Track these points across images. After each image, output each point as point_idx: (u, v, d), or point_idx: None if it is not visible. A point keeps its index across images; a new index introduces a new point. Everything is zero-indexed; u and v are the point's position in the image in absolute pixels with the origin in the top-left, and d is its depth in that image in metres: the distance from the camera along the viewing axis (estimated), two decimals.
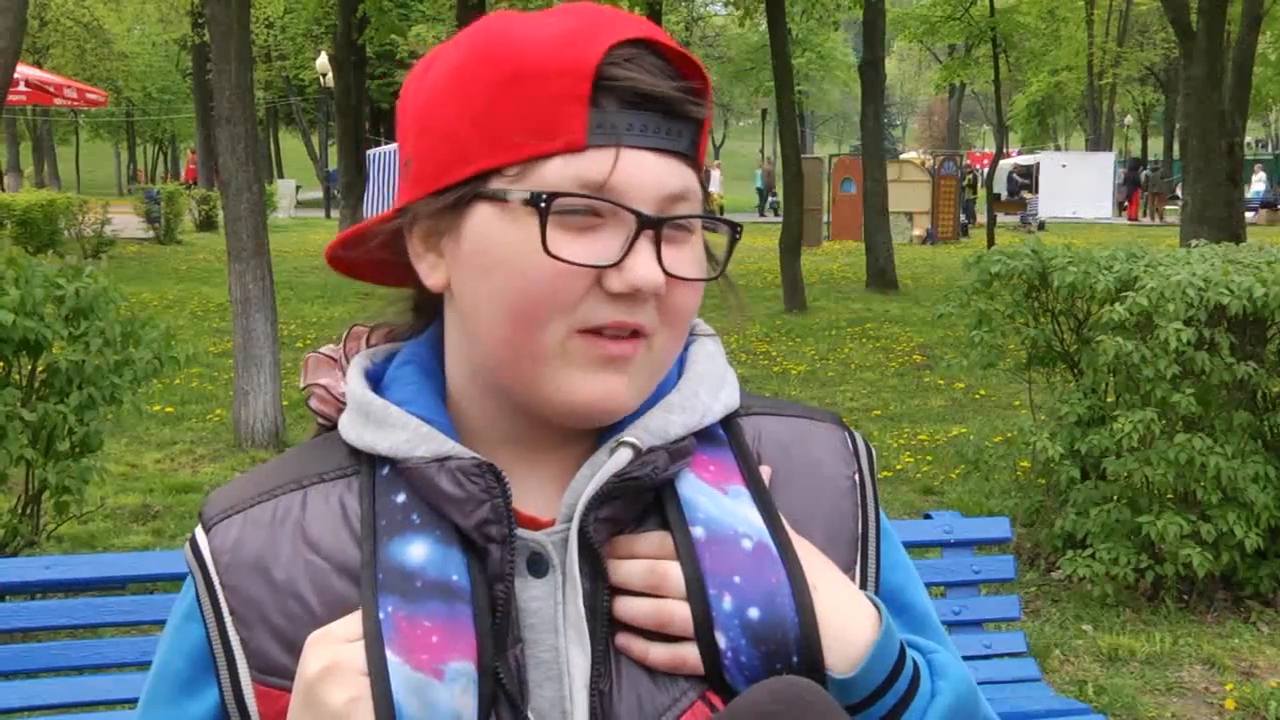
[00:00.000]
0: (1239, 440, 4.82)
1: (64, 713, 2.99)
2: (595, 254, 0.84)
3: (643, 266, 0.84)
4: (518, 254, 0.84)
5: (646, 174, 0.84)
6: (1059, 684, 4.42)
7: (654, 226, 0.85)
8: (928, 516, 3.52)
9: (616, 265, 0.84)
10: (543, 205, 0.83)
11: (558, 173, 0.83)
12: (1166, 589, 5.09)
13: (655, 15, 18.47)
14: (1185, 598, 5.13)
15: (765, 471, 0.94)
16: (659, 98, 0.84)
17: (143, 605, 3.01)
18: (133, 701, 2.89)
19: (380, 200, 32.07)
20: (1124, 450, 4.87)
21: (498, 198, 0.85)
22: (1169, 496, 4.97)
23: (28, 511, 4.88)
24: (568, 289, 0.84)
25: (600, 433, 0.92)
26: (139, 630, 4.01)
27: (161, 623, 3.07)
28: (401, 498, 0.88)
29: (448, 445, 0.88)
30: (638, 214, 0.84)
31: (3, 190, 26.11)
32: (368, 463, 0.92)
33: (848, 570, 0.93)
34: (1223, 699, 4.36)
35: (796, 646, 0.85)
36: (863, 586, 0.94)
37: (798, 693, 0.81)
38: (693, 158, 0.88)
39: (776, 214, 33.19)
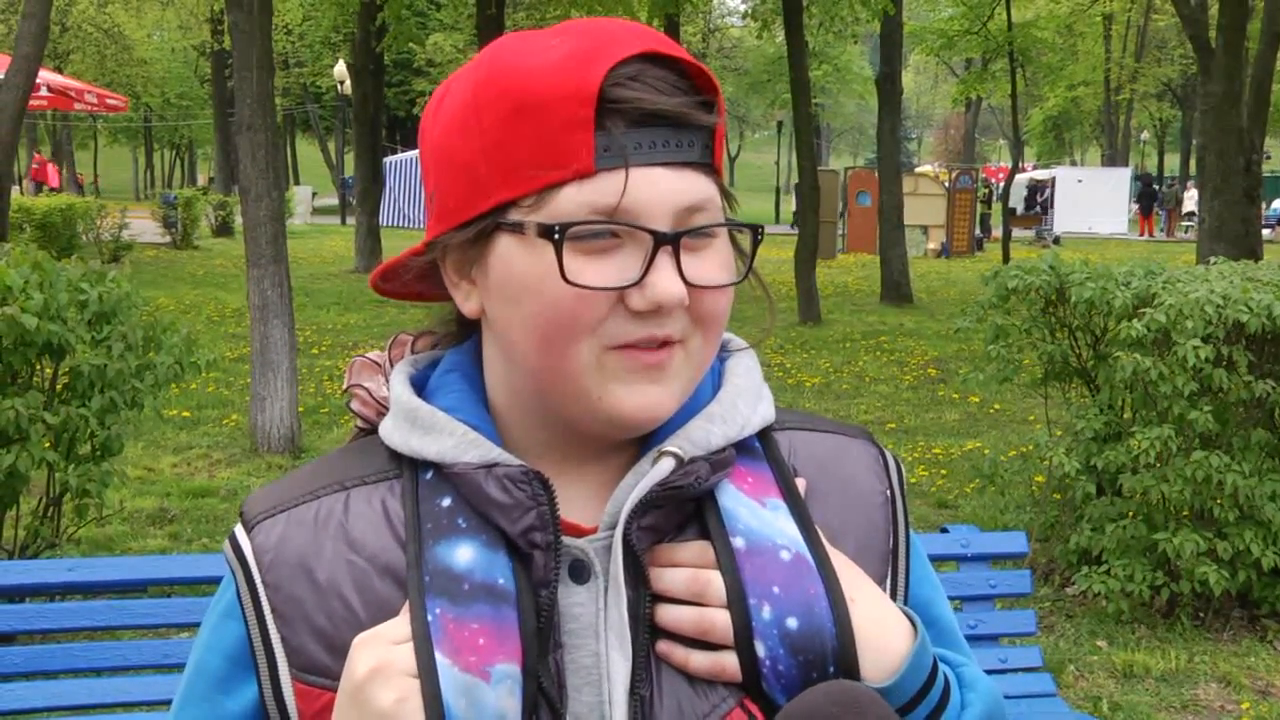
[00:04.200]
0: (1256, 458, 4.82)
1: (83, 713, 3.01)
2: (615, 275, 0.85)
3: (663, 282, 0.85)
4: (539, 282, 0.86)
5: (659, 190, 0.85)
6: (1074, 700, 4.42)
7: (670, 242, 0.85)
8: (944, 530, 3.52)
9: (638, 284, 0.85)
10: (555, 237, 0.84)
11: (571, 200, 0.84)
12: (1182, 606, 5.08)
13: (673, 26, 18.52)
14: (1201, 615, 5.12)
15: (801, 484, 0.95)
16: (665, 113, 0.85)
17: (161, 608, 3.03)
18: (151, 704, 2.92)
19: (396, 208, 32.22)
20: (1140, 467, 4.86)
21: (516, 229, 0.86)
22: (1185, 514, 4.96)
23: (49, 514, 4.91)
24: (591, 312, 0.85)
25: (642, 443, 0.93)
26: (156, 633, 4.04)
27: (179, 626, 3.10)
28: (447, 502, 0.90)
29: (495, 452, 0.90)
30: (652, 232, 0.85)
31: (22, 194, 26.27)
32: (410, 467, 0.93)
33: (879, 583, 0.95)
34: (1238, 717, 4.35)
35: (834, 656, 0.86)
36: (893, 599, 0.96)
37: (854, 696, 0.83)
38: (708, 164, 0.88)
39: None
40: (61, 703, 2.95)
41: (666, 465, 0.89)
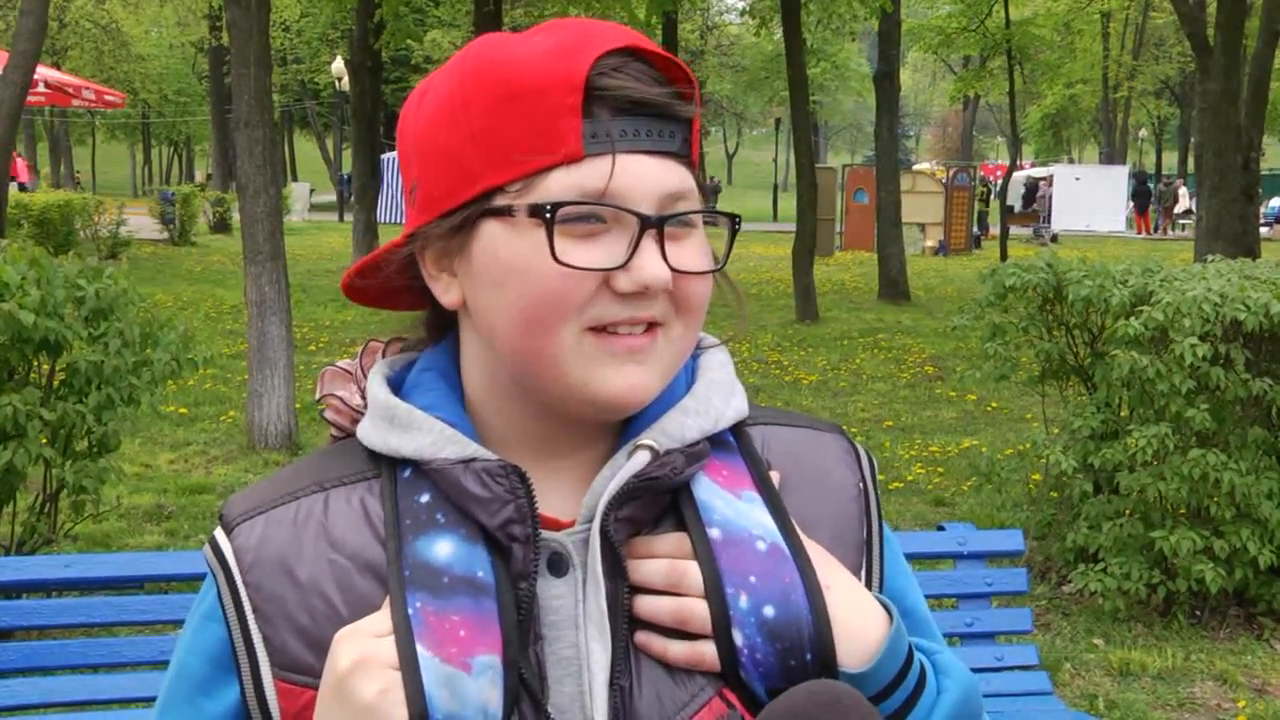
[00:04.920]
0: (1253, 456, 4.82)
1: (80, 710, 3.01)
2: (602, 258, 0.87)
3: (649, 265, 0.87)
4: (527, 265, 0.87)
5: (644, 176, 0.87)
6: (1070, 698, 4.42)
7: (656, 226, 0.87)
8: (941, 528, 3.53)
9: (624, 266, 0.87)
10: (548, 215, 0.86)
11: (559, 184, 0.86)
12: (1179, 604, 5.09)
13: (671, 24, 18.50)
14: (1197, 614, 5.12)
15: (775, 477, 0.97)
16: (649, 102, 0.87)
17: (158, 605, 3.03)
18: (148, 700, 2.92)
19: (394, 204, 32.20)
20: (1137, 465, 4.87)
21: (503, 213, 0.88)
22: (1182, 512, 4.97)
23: (45, 510, 4.91)
24: (577, 292, 0.87)
25: (618, 436, 0.95)
26: (153, 630, 4.04)
27: (176, 622, 3.10)
28: (425, 498, 0.91)
29: (472, 447, 0.91)
30: (639, 215, 0.87)
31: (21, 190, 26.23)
32: (388, 466, 0.94)
33: (854, 573, 0.96)
34: (1235, 716, 4.35)
35: (810, 644, 0.87)
36: (868, 589, 0.97)
37: (836, 695, 0.84)
38: (686, 156, 0.91)
39: None
40: (58, 699, 2.95)
41: (642, 458, 0.90)
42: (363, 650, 0.84)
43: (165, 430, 8.45)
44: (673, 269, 0.88)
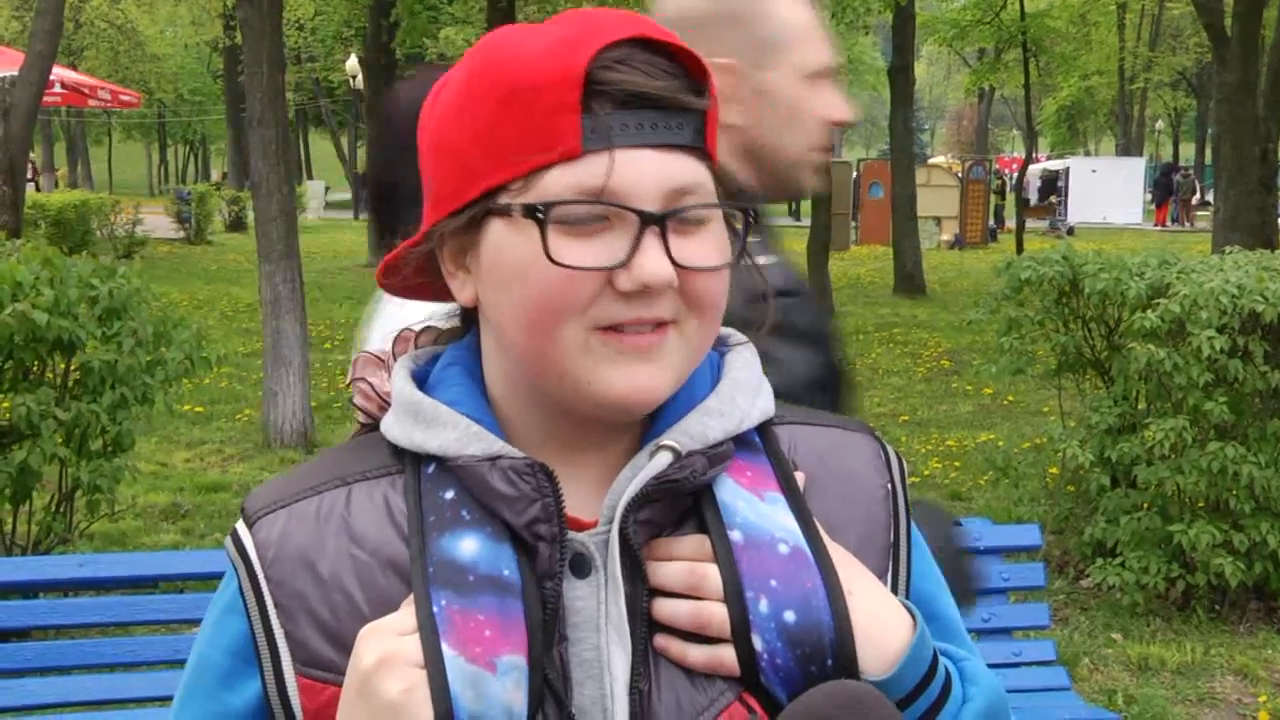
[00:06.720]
0: (1272, 449, 4.78)
1: (96, 709, 3.02)
2: (603, 256, 0.85)
3: (651, 263, 0.84)
4: (527, 264, 0.86)
5: (646, 172, 0.85)
6: (1088, 693, 4.40)
7: (657, 223, 0.85)
8: (957, 523, 3.50)
9: (624, 265, 0.85)
10: (539, 216, 0.84)
11: (558, 182, 0.85)
12: (1198, 598, 5.05)
13: None
14: (1217, 607, 5.09)
15: (800, 478, 0.95)
16: (652, 94, 0.85)
17: (174, 604, 3.04)
18: (162, 699, 2.92)
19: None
20: (1155, 458, 4.84)
21: (505, 213, 0.87)
22: (1200, 505, 4.93)
23: (61, 510, 4.92)
24: (578, 292, 0.85)
25: (641, 435, 0.93)
26: (169, 629, 4.05)
27: (192, 621, 3.10)
28: (450, 494, 0.89)
29: (498, 444, 0.89)
30: (639, 212, 0.85)
31: (38, 190, 26.36)
32: (412, 461, 0.93)
33: (880, 577, 0.95)
34: (1256, 710, 4.32)
35: (831, 650, 0.86)
36: (894, 594, 0.95)
37: (856, 696, 0.83)
38: (700, 148, 0.88)
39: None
40: (74, 698, 2.96)
41: (663, 459, 0.89)
42: (387, 648, 0.83)
43: (181, 429, 8.48)
44: (680, 265, 0.86)
